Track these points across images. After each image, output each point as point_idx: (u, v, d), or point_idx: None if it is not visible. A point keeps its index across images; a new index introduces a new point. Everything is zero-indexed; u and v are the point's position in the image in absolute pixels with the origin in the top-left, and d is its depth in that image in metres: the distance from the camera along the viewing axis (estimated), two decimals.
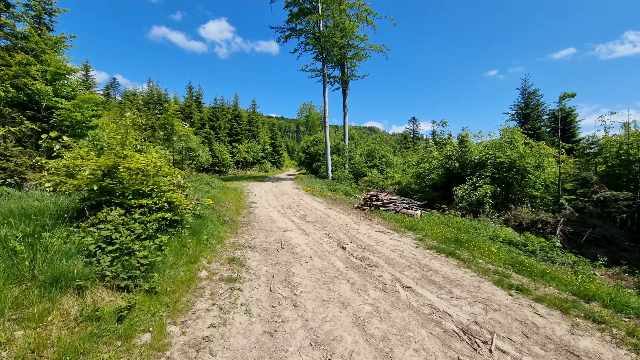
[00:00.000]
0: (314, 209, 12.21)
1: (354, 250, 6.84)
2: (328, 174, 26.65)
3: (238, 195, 14.66)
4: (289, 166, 60.65)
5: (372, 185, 21.10)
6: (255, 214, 10.45)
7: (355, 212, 11.50)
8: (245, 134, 43.67)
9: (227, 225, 7.97)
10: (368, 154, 29.40)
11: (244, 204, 12.32)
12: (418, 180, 15.48)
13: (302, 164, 40.31)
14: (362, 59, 28.63)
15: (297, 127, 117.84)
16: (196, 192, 13.09)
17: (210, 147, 36.28)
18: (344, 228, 8.95)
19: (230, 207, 10.84)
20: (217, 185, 17.50)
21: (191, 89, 43.77)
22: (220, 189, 16.02)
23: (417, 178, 16.56)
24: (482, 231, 9.14)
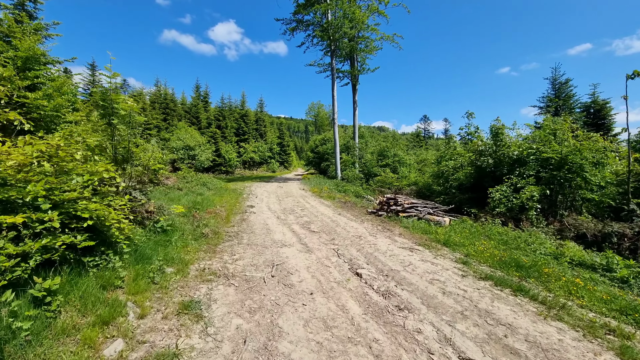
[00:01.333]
0: (321, 214, 10.15)
1: (373, 280, 4.75)
2: (337, 173, 24.55)
3: (235, 198, 12.73)
4: (297, 166, 58.78)
5: (385, 186, 18.90)
6: (249, 222, 8.46)
7: (369, 219, 9.38)
8: (252, 134, 41.98)
9: (205, 240, 5.98)
10: (379, 152, 27.13)
11: (238, 209, 10.36)
12: (440, 181, 13.22)
13: (311, 163, 38.31)
14: (372, 51, 26.39)
15: (306, 128, 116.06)
16: (187, 194, 11.22)
17: (216, 147, 34.69)
18: (357, 241, 6.86)
19: (219, 214, 8.88)
20: (216, 186, 15.64)
21: (198, 88, 42.39)
22: (216, 191, 14.14)
23: (437, 178, 14.29)
24: (537, 246, 6.89)
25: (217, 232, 6.67)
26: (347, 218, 9.49)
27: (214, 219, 7.94)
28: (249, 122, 42.04)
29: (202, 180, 15.42)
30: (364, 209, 11.41)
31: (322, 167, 34.49)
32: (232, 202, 11.46)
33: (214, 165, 34.19)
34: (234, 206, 10.68)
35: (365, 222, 8.90)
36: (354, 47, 25.36)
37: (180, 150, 17.60)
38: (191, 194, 11.79)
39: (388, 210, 9.90)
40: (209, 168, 33.99)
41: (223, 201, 11.33)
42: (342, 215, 10.03)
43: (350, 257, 5.82)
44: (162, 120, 34.78)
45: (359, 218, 9.52)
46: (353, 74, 26.63)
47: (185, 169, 15.96)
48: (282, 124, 51.65)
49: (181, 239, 5.37)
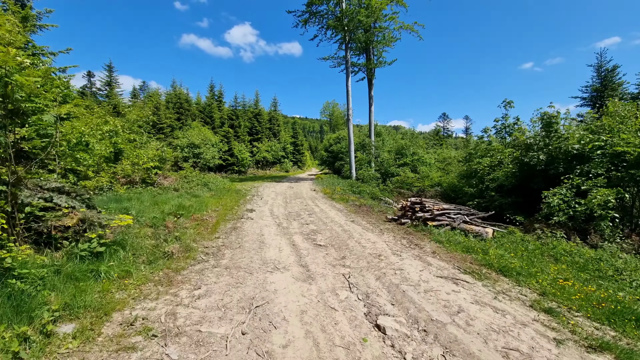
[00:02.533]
0: (331, 221, 8.31)
1: (404, 339, 2.87)
2: (352, 173, 22.61)
3: (235, 200, 11.09)
4: (311, 166, 57.13)
5: (404, 187, 16.80)
6: (241, 232, 6.73)
7: (390, 229, 7.45)
8: (265, 133, 40.66)
9: (166, 263, 4.28)
10: (397, 150, 24.95)
11: (234, 214, 8.68)
12: (473, 181, 11.04)
13: (325, 163, 36.51)
14: (390, 43, 24.20)
15: (321, 127, 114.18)
16: (180, 196, 9.68)
17: (229, 147, 33.55)
18: (375, 263, 4.97)
19: (206, 221, 7.22)
20: (218, 186, 14.11)
21: (212, 88, 41.54)
22: (217, 192, 12.58)
23: (467, 178, 12.11)
24: (633, 274, 4.77)
25: (190, 248, 4.97)
26: (362, 227, 7.60)
27: (196, 228, 6.27)
28: (263, 122, 40.76)
29: (204, 180, 13.94)
30: (382, 215, 9.47)
31: (336, 167, 32.61)
32: (230, 206, 9.81)
33: (226, 165, 33.04)
34: (229, 210, 9.02)
35: (386, 233, 6.98)
36: (369, 38, 23.32)
37: (185, 148, 16.32)
38: (185, 196, 10.25)
39: (413, 217, 7.92)
40: (220, 167, 32.88)
41: (219, 204, 9.71)
42: (356, 222, 8.14)
43: (367, 289, 3.96)
44: (176, 120, 34.01)
45: (377, 227, 7.61)
46: (369, 67, 24.58)
47: (188, 168, 14.60)
48: (295, 123, 50.10)
49: (123, 265, 3.69)
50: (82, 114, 12.61)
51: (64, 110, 10.27)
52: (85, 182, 8.80)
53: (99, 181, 8.83)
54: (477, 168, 10.64)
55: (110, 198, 7.80)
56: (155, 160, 11.69)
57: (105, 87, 35.58)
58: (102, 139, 10.14)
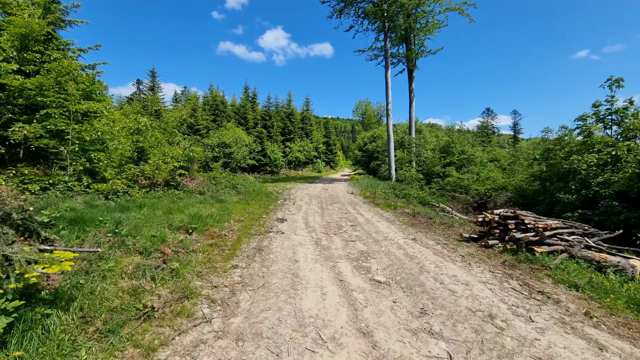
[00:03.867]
0: (384, 237, 6.19)
1: None
2: (391, 174, 20.14)
3: (265, 207, 9.36)
4: (343, 166, 54.90)
5: (458, 190, 14.06)
6: (268, 256, 4.86)
7: (474, 254, 5.13)
8: (298, 133, 39.28)
9: (135, 330, 2.50)
10: (442, 148, 21.92)
11: (261, 225, 6.88)
12: (571, 185, 8.17)
13: (358, 163, 34.18)
14: (432, 31, 21.29)
15: (353, 127, 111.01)
16: (202, 202, 8.18)
17: (262, 147, 32.58)
18: (492, 337, 2.77)
19: (225, 237, 5.45)
20: (248, 189, 12.56)
21: (247, 90, 41.09)
22: (246, 195, 10.98)
23: (549, 181, 9.26)
24: None
25: (188, 292, 3.17)
26: (431, 250, 5.36)
27: (208, 251, 4.51)
28: (295, 121, 39.42)
29: (233, 182, 12.48)
30: (449, 229, 7.12)
31: (372, 167, 30.13)
32: (258, 213, 8.07)
33: (259, 165, 32.09)
34: (256, 220, 7.24)
35: (474, 264, 4.68)
36: (411, 24, 20.65)
37: (216, 148, 15.15)
38: (209, 201, 8.72)
39: (505, 237, 5.52)
40: (253, 168, 31.99)
41: (245, 212, 8.01)
42: (419, 241, 5.92)
43: None
44: (212, 121, 33.80)
45: (454, 251, 5.32)
46: (409, 57, 21.88)
47: (217, 169, 13.33)
48: (328, 122, 48.23)
49: (42, 354, 1.94)
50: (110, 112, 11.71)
51: (84, 107, 9.29)
52: (100, 185, 7.56)
53: (115, 184, 7.53)
54: (575, 167, 7.81)
55: (119, 205, 6.39)
56: (180, 160, 10.38)
57: (148, 91, 36.48)
58: (121, 137, 8.94)
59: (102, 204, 6.42)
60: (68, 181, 7.43)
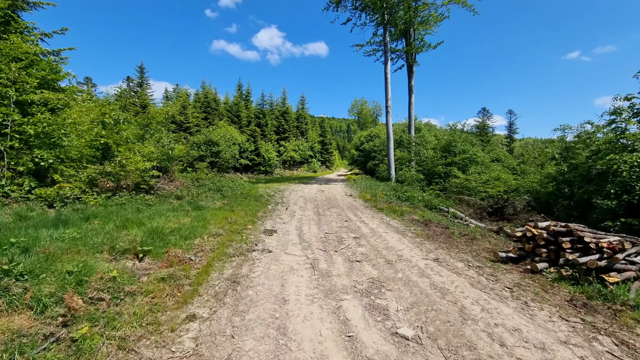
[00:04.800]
0: (397, 256, 4.82)
1: None
2: (390, 174, 18.85)
3: (252, 213, 7.91)
4: (339, 166, 53.58)
5: (465, 193, 12.81)
6: (245, 294, 3.41)
7: (528, 286, 3.74)
8: (293, 132, 37.81)
9: None
10: (443, 147, 20.70)
11: (244, 240, 5.44)
12: (610, 189, 6.87)
13: (355, 162, 32.87)
14: (431, 26, 20.08)
15: (348, 127, 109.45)
16: (175, 209, 6.72)
17: (255, 146, 31.07)
18: None
19: (190, 263, 4.00)
20: (236, 192, 11.09)
21: (240, 87, 39.51)
22: (232, 199, 9.52)
23: (585, 182, 8.02)
24: None
25: None
26: (466, 278, 3.99)
27: (154, 292, 3.04)
28: (290, 120, 37.94)
29: (219, 184, 11.00)
30: (473, 242, 5.79)
31: (369, 167, 28.81)
32: (242, 223, 6.62)
33: (252, 165, 30.60)
34: (239, 233, 5.80)
35: (535, 304, 3.29)
36: (411, 17, 19.35)
37: (202, 146, 13.64)
38: (185, 207, 7.26)
39: (558, 259, 4.20)
40: (246, 168, 30.48)
41: (227, 221, 6.56)
42: (444, 263, 4.55)
43: None
44: (203, 119, 32.15)
45: (496, 279, 3.96)
46: (409, 52, 20.60)
47: (203, 169, 11.85)
48: (324, 121, 46.82)
49: None
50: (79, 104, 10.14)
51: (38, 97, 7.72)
52: (42, 190, 6.04)
53: (62, 188, 6.03)
54: (614, 168, 6.54)
55: (59, 217, 4.91)
56: (154, 160, 8.88)
57: (136, 87, 34.62)
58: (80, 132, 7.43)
59: (37, 216, 4.93)
60: (5, 185, 5.91)
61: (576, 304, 3.32)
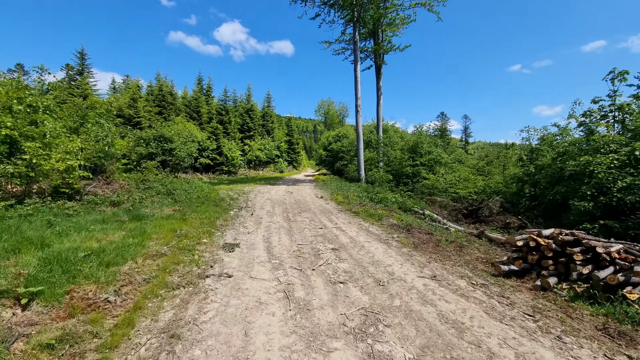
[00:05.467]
0: (388, 275, 3.98)
1: None
2: (360, 175, 18.36)
3: (210, 222, 6.58)
4: (306, 166, 52.65)
5: (436, 193, 12.64)
6: (185, 358, 2.34)
7: (547, 311, 3.09)
8: (258, 130, 35.96)
9: None
10: (410, 148, 20.81)
11: (192, 265, 4.17)
12: (586, 191, 6.77)
13: (323, 163, 32.16)
14: (398, 28, 20.11)
15: (315, 127, 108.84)
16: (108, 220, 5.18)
17: (217, 144, 28.85)
18: None
19: (102, 311, 2.72)
20: (192, 195, 9.54)
21: (200, 81, 36.58)
22: (186, 205, 8.03)
23: (554, 183, 8.00)
24: None
25: None
26: (477, 303, 3.24)
27: None
28: (255, 118, 36.06)
29: (170, 186, 9.36)
30: (463, 251, 5.19)
31: (337, 167, 28.24)
32: (195, 236, 5.31)
33: (214, 165, 28.35)
34: (189, 252, 4.52)
35: (569, 338, 2.63)
36: (380, 16, 19.10)
37: (152, 143, 11.69)
38: (119, 217, 5.73)
39: (568, 271, 3.66)
40: (207, 167, 28.15)
41: (175, 234, 5.21)
42: (445, 282, 3.79)
43: None
44: (157, 114, 29.02)
45: (509, 302, 3.26)
46: (377, 52, 20.38)
47: (152, 169, 10.06)
48: (290, 120, 45.53)
49: None
50: None
51: None
52: None
53: None
54: (591, 169, 6.45)
55: None
56: (84, 158, 7.08)
57: (76, 76, 30.24)
58: None
59: None
60: None
61: (611, 333, 2.72)
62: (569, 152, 8.24)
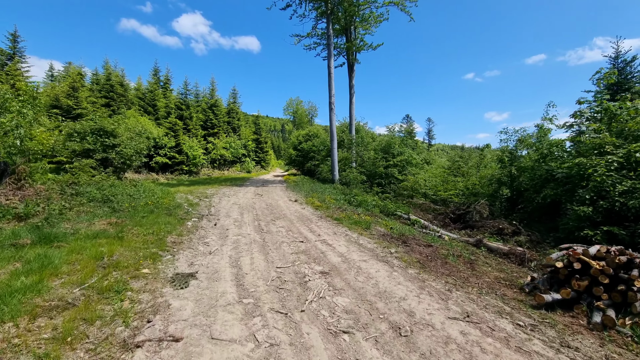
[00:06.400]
0: (407, 315, 2.88)
1: None
2: (334, 175, 17.39)
3: (157, 239, 4.97)
4: (275, 166, 50.67)
5: (417, 196, 12.06)
6: None
7: None
8: (223, 127, 33.36)
9: None
10: (383, 149, 20.37)
11: (114, 323, 2.70)
12: (584, 195, 6.32)
13: (293, 162, 30.75)
14: (370, 26, 19.63)
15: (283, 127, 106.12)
16: None
17: (176, 141, 26.03)
18: None
19: None
20: (138, 201, 7.67)
21: (157, 72, 32.97)
22: (125, 216, 6.24)
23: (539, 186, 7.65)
24: None
25: None
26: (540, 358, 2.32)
27: None
28: (220, 114, 33.45)
29: (109, 191, 7.42)
30: (479, 271, 4.32)
31: (308, 168, 27.02)
32: (132, 264, 3.75)
33: (172, 164, 25.51)
34: (118, 292, 3.02)
35: None
36: (353, 12, 18.33)
37: (89, 137, 9.38)
38: (18, 238, 3.95)
39: (625, 301, 2.89)
40: (165, 167, 25.25)
41: (101, 263, 3.62)
42: (484, 325, 2.79)
43: None
44: (104, 106, 25.31)
45: (581, 355, 2.40)
46: (350, 49, 19.60)
47: (85, 168, 7.96)
48: (259, 117, 43.26)
49: None
50: None
51: None
52: None
53: None
54: (589, 172, 6.06)
55: None
56: None
57: (7, 61, 25.27)
58: None
59: None
60: None
61: None
62: (553, 153, 7.99)
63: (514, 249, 5.40)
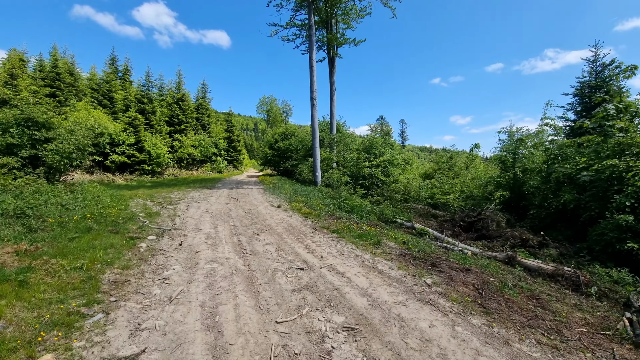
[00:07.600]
0: None
1: None
2: (317, 177, 15.93)
3: (90, 277, 3.17)
4: (249, 165, 47.90)
5: (410, 199, 11.03)
6: None
7: None
8: (191, 124, 30.33)
9: None
10: (365, 149, 19.38)
11: None
12: (623, 201, 5.50)
13: (268, 162, 28.73)
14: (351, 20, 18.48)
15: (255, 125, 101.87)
16: None
17: (136, 138, 22.90)
18: None
19: None
20: (69, 215, 5.60)
21: (115, 61, 29.05)
22: (45, 238, 4.28)
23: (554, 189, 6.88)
24: None
25: None
26: None
27: None
28: (187, 110, 30.40)
29: (31, 200, 5.30)
30: (551, 311, 3.15)
31: (285, 168, 25.21)
32: (11, 349, 2.03)
33: (132, 163, 22.38)
34: None
35: None
36: (334, 3, 17.06)
37: (14, 129, 6.98)
38: None
39: None
40: (124, 166, 22.08)
41: None
42: None
43: None
44: (48, 96, 21.44)
45: None
46: (331, 42, 18.30)
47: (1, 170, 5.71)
48: (231, 114, 40.40)
49: None
50: None
51: None
52: None
53: None
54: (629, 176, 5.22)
55: None
56: None
57: None
58: None
59: None
60: None
61: None
62: (565, 154, 7.29)
63: (561, 269, 4.38)
